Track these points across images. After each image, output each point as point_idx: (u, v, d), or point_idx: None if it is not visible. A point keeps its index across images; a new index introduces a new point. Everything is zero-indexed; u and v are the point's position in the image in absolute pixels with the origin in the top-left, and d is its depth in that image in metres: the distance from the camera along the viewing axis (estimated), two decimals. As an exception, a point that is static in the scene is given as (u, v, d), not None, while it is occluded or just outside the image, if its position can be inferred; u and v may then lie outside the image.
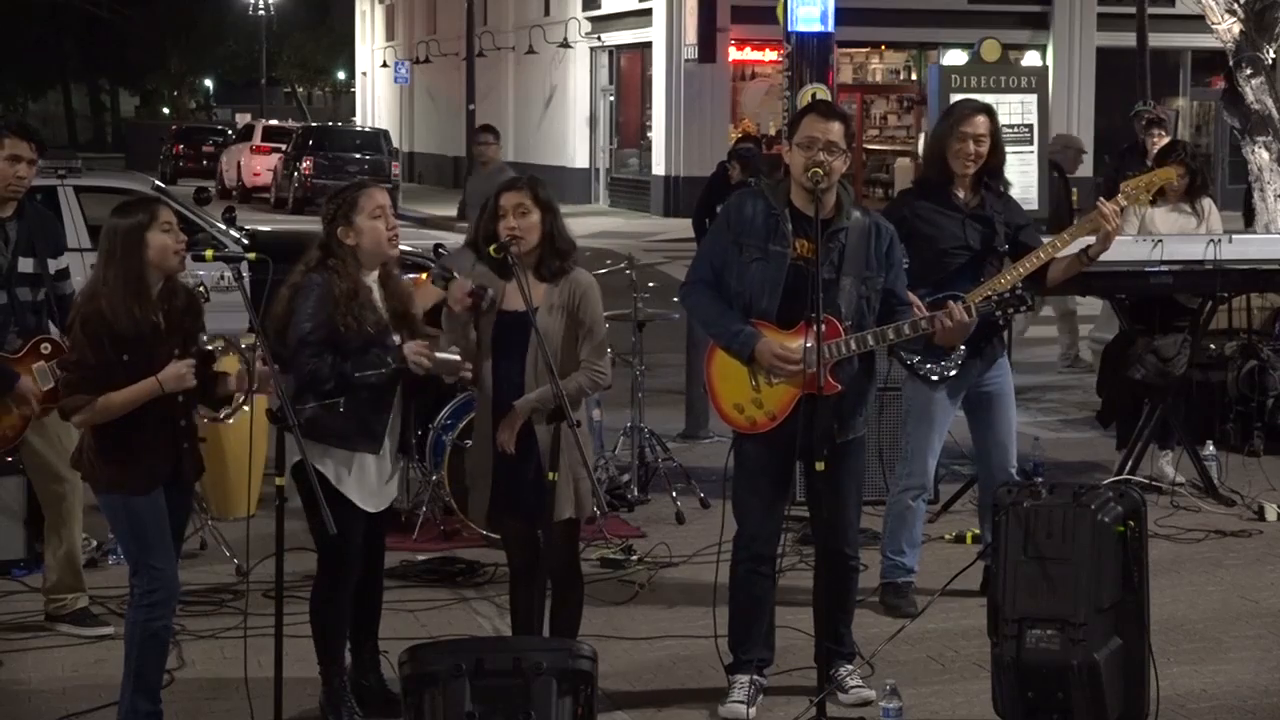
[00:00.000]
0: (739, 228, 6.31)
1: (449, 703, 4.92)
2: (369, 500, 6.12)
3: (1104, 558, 5.73)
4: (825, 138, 6.18)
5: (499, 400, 6.17)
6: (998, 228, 7.38)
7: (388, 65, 54.16)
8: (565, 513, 6.14)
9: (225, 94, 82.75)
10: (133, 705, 5.90)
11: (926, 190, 7.52)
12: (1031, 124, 12.64)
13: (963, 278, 7.27)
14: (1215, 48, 16.10)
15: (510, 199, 6.17)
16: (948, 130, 7.38)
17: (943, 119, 7.63)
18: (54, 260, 7.24)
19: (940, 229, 7.34)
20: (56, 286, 7.22)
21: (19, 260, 7.07)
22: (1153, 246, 9.08)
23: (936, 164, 7.45)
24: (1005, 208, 7.49)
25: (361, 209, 6.08)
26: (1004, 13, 33.97)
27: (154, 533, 5.85)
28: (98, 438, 5.85)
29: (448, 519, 8.88)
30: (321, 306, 5.96)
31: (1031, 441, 10.62)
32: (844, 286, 6.22)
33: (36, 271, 7.11)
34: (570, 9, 39.54)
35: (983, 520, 7.66)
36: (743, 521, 6.43)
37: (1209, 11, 14.52)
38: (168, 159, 49.35)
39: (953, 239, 7.33)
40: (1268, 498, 9.47)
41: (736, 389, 6.33)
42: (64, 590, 7.27)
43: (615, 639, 7.12)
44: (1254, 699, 6.56)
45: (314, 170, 35.86)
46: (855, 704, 6.38)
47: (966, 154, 7.31)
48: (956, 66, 14.59)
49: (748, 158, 13.52)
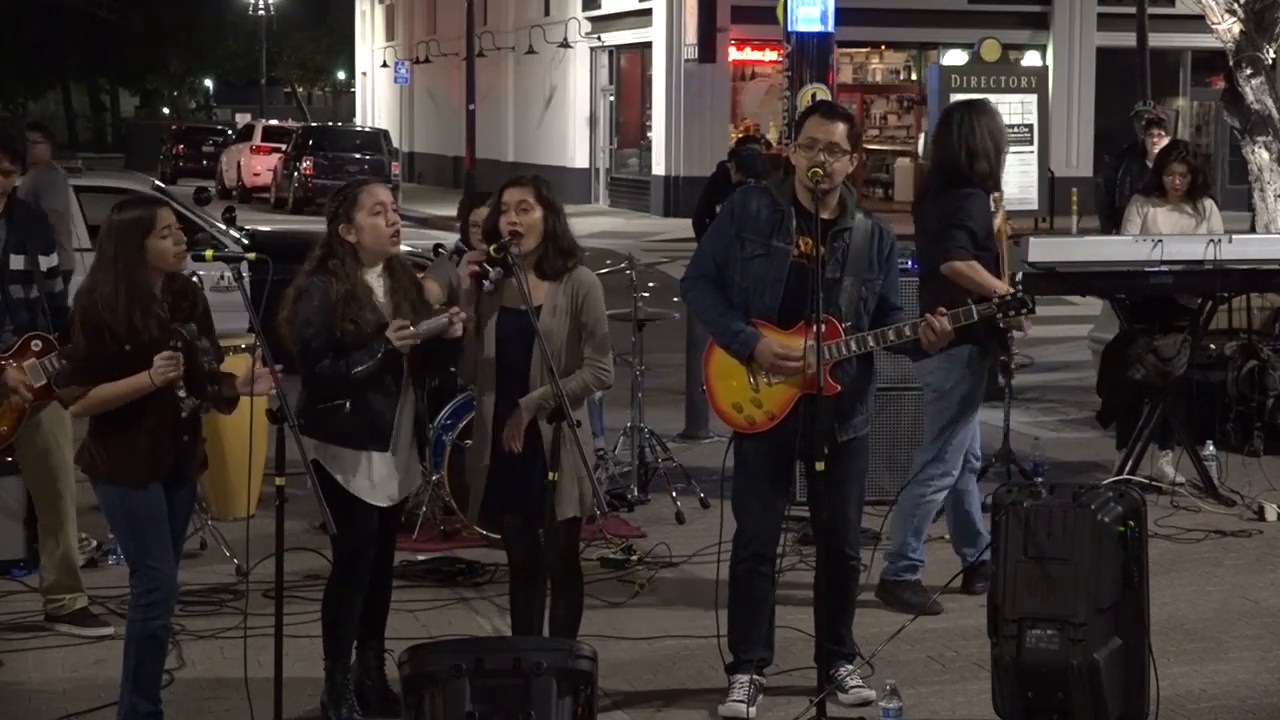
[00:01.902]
0: (742, 222, 6.32)
1: (449, 703, 4.91)
2: (379, 496, 6.12)
3: (1104, 558, 5.73)
4: (827, 139, 6.18)
5: (503, 399, 6.17)
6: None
7: (388, 65, 54.17)
8: (569, 512, 6.14)
9: (225, 94, 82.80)
10: (132, 705, 5.90)
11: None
12: (1031, 124, 12.67)
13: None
14: (1215, 48, 16.10)
15: (513, 195, 6.16)
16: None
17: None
18: (45, 258, 7.22)
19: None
20: (47, 284, 7.20)
21: (10, 258, 7.08)
22: (1153, 246, 9.08)
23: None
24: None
25: (361, 205, 6.09)
26: (1004, 13, 33.98)
27: (152, 531, 5.84)
28: (97, 428, 5.85)
29: (448, 519, 8.88)
30: (321, 310, 5.98)
31: (1031, 441, 10.63)
32: (845, 286, 6.24)
33: (28, 269, 7.10)
34: (570, 9, 39.54)
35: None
36: (742, 521, 6.43)
37: (1209, 11, 14.52)
38: (168, 159, 49.36)
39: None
40: (1268, 498, 9.47)
41: (735, 388, 6.33)
42: (62, 591, 7.27)
43: (615, 639, 7.12)
44: (1254, 699, 6.56)
45: (314, 170, 35.89)
46: (855, 704, 6.38)
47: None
48: (956, 66, 14.63)
49: (748, 159, 13.51)
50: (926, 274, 7.68)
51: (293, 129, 41.96)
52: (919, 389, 9.48)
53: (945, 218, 7.50)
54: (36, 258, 7.15)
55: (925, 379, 7.71)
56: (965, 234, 7.45)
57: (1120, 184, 13.49)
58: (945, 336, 6.28)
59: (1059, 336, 15.42)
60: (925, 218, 7.68)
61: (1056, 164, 29.10)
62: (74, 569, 7.32)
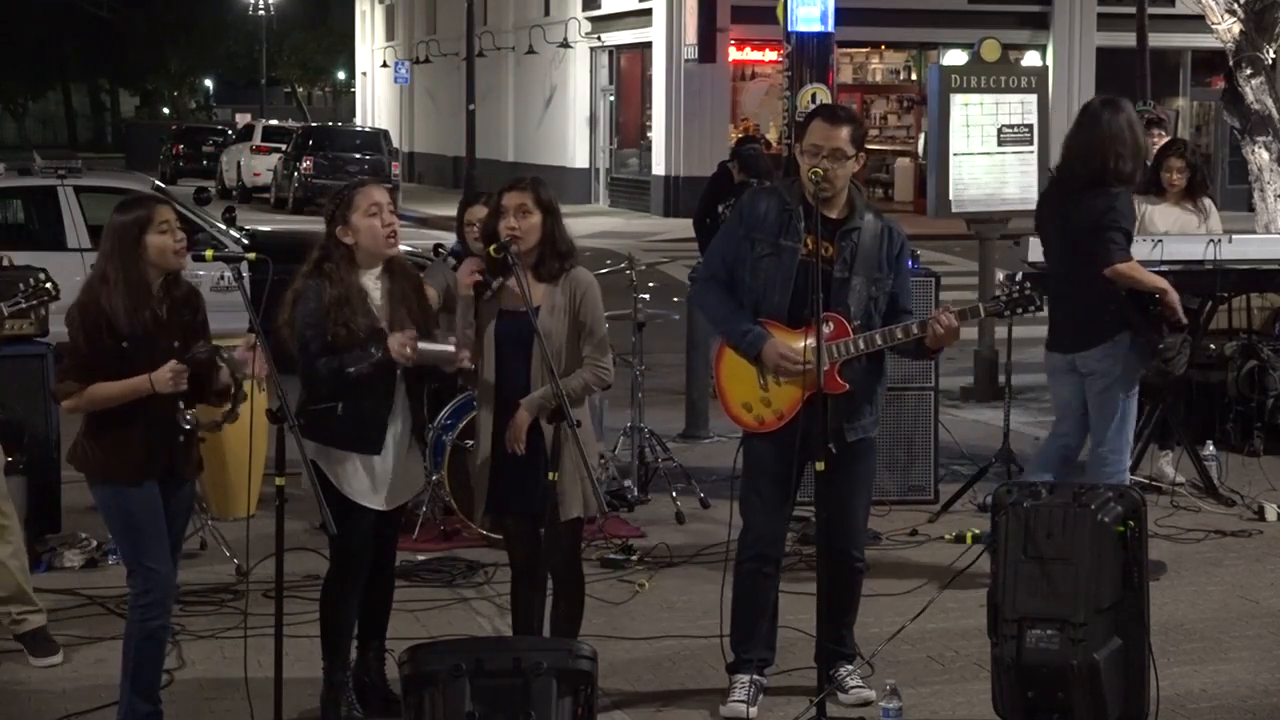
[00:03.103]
0: (751, 222, 6.33)
1: (449, 703, 4.91)
2: (375, 499, 6.13)
3: (1104, 558, 5.73)
4: (829, 145, 6.20)
5: (503, 400, 6.17)
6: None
7: (388, 65, 54.15)
8: (572, 512, 6.14)
9: (225, 94, 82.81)
10: (131, 705, 5.90)
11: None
12: (1031, 124, 12.64)
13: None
14: (1215, 48, 16.09)
15: (512, 199, 6.17)
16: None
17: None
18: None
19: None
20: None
21: None
22: (1153, 246, 9.08)
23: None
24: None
25: (357, 207, 6.09)
26: (1004, 13, 33.97)
27: (148, 531, 5.83)
28: (91, 425, 5.85)
29: (448, 519, 8.88)
30: (317, 313, 5.99)
31: (1031, 441, 10.62)
32: (854, 286, 6.25)
33: None
34: (570, 9, 39.53)
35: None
36: (749, 520, 6.44)
37: (1209, 11, 14.50)
38: (168, 159, 49.35)
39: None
40: (1268, 498, 9.47)
41: (745, 388, 6.34)
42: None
43: (615, 639, 7.12)
44: (1254, 699, 6.56)
45: (314, 170, 35.86)
46: (855, 704, 6.38)
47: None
48: (956, 66, 14.55)
49: (750, 159, 13.49)
50: (1064, 274, 7.80)
51: (293, 129, 41.94)
52: (920, 389, 9.54)
53: (1096, 220, 7.61)
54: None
55: (1090, 367, 7.77)
56: (1122, 234, 7.63)
57: (1120, 184, 13.47)
58: (952, 334, 6.28)
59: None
60: (1066, 219, 7.77)
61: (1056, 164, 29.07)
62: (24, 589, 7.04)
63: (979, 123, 12.52)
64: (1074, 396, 7.86)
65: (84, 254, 12.46)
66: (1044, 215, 8.06)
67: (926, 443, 9.56)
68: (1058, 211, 7.87)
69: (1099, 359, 7.72)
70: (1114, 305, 7.66)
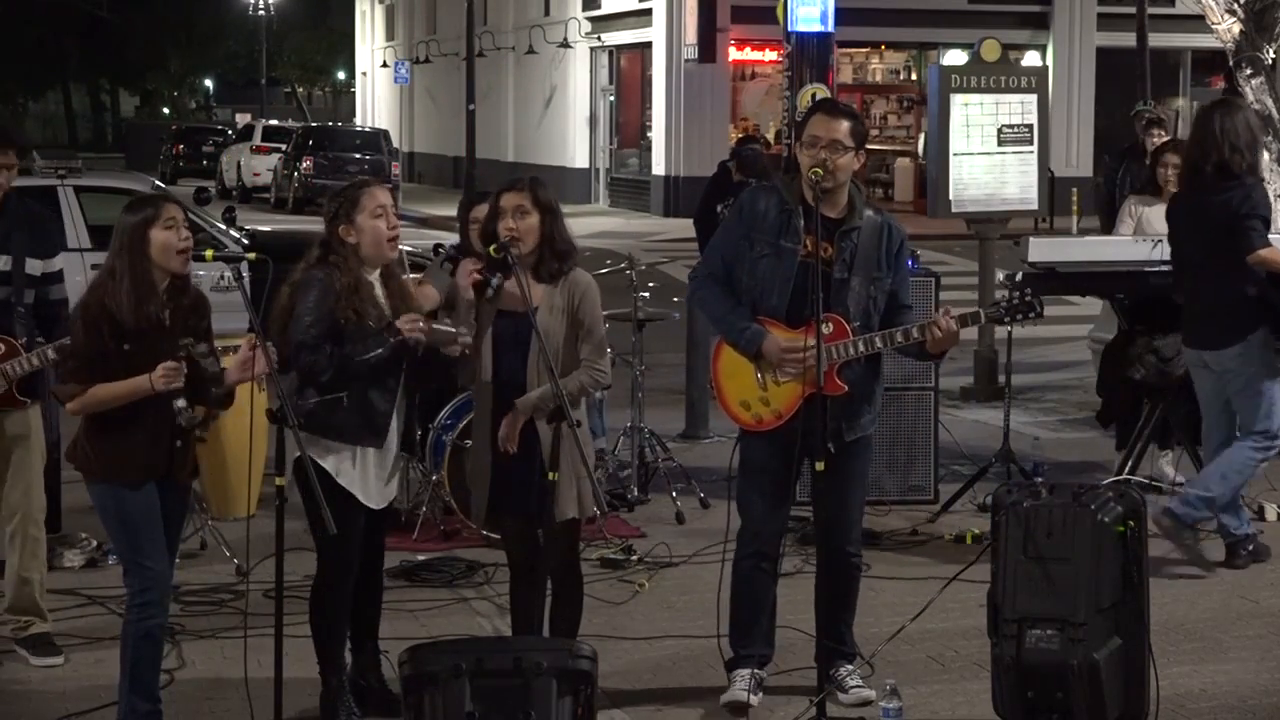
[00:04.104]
0: (751, 222, 6.33)
1: (449, 703, 4.92)
2: (371, 496, 6.12)
3: (1104, 558, 5.73)
4: (829, 136, 6.19)
5: (501, 400, 6.17)
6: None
7: (388, 65, 54.16)
8: (569, 513, 6.14)
9: (225, 94, 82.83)
10: (130, 705, 5.90)
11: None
12: (1031, 124, 12.65)
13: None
14: (1215, 48, 16.08)
15: (510, 200, 6.17)
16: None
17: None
18: (42, 262, 7.01)
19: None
20: (43, 290, 7.00)
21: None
22: (1153, 247, 9.08)
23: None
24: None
25: (363, 207, 6.09)
26: (1004, 13, 33.98)
27: (145, 530, 5.83)
28: (91, 426, 5.85)
29: (448, 519, 8.88)
30: (321, 301, 5.97)
31: (1031, 441, 10.63)
32: (854, 286, 6.24)
33: (6, 269, 6.86)
34: (570, 9, 39.54)
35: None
36: (747, 518, 6.44)
37: (1209, 11, 14.50)
38: (168, 159, 49.39)
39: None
40: (1268, 498, 9.47)
41: (743, 386, 6.34)
42: (18, 613, 7.04)
43: (615, 639, 7.12)
44: (1254, 699, 6.56)
45: (314, 170, 35.89)
46: (855, 704, 6.37)
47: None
48: (956, 66, 14.56)
49: (749, 158, 13.50)
50: (1202, 267, 8.09)
51: (293, 129, 41.95)
52: (920, 388, 9.54)
53: (1234, 211, 7.91)
54: (24, 260, 6.93)
55: (1225, 365, 8.07)
56: (1261, 222, 7.93)
57: (1120, 184, 13.48)
58: (952, 338, 6.27)
59: (1059, 336, 15.42)
60: (1204, 213, 8.04)
61: (1056, 164, 29.04)
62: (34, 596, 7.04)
63: (979, 123, 12.54)
64: (1214, 395, 8.24)
65: (84, 254, 12.43)
66: (1177, 214, 8.32)
67: (926, 443, 9.56)
68: (1191, 208, 8.15)
69: (1232, 359, 8.04)
70: (1255, 291, 7.92)
